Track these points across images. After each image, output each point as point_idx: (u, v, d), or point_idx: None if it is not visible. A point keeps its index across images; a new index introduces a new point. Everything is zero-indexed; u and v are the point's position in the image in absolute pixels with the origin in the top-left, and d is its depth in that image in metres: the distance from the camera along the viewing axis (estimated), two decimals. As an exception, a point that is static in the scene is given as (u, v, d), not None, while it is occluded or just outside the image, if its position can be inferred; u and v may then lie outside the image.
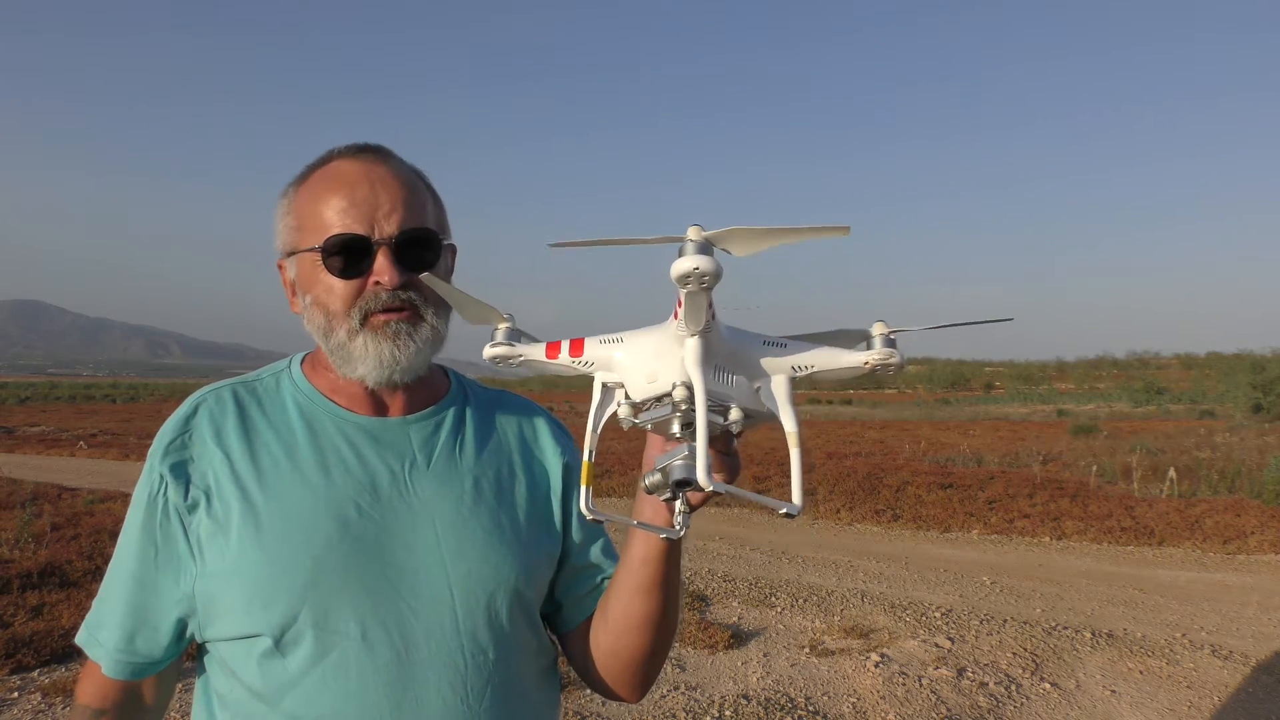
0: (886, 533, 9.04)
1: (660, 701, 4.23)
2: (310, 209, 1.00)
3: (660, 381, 0.77)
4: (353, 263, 0.97)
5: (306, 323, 1.03)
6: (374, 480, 1.00)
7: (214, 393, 1.04)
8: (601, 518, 0.83)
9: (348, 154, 1.03)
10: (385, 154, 1.04)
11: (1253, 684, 4.59)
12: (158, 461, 0.98)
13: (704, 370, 0.74)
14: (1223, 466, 11.98)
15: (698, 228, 0.66)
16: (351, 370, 1.00)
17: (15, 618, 5.19)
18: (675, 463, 0.78)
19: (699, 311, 0.71)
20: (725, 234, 0.66)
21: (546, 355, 0.83)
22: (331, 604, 0.94)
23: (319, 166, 1.03)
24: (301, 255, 1.01)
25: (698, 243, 0.66)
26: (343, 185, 0.99)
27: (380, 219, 0.98)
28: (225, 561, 0.95)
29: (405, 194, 1.01)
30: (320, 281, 0.99)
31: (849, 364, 0.78)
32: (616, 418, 0.81)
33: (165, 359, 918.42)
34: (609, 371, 0.82)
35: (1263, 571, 7.21)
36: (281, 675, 0.94)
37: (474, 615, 0.99)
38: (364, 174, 1.00)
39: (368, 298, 0.98)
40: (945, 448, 16.33)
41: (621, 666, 1.05)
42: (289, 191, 1.04)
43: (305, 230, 1.01)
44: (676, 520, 0.82)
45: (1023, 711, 4.21)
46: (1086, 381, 58.24)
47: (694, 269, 0.65)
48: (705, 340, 0.74)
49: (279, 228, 1.05)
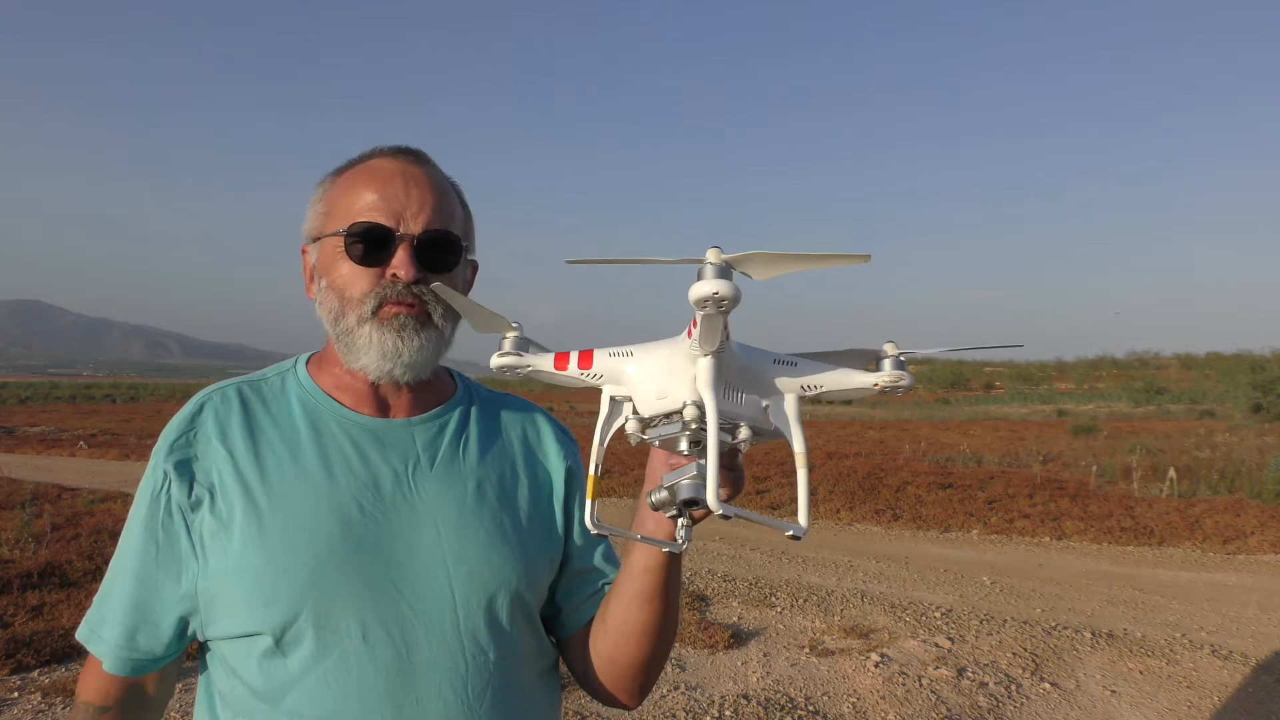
0: (886, 533, 9.04)
1: (660, 701, 4.23)
2: (342, 198, 1.03)
3: (670, 398, 0.77)
4: (373, 251, 0.99)
5: (319, 307, 1.04)
6: (377, 480, 1.00)
7: (220, 391, 1.04)
8: (606, 532, 0.84)
9: (388, 153, 1.05)
10: (424, 158, 1.06)
11: (1253, 684, 4.59)
12: (162, 459, 0.99)
13: (716, 390, 0.73)
14: (1223, 466, 11.97)
15: (717, 250, 0.65)
16: (354, 359, 1.01)
17: (15, 618, 5.19)
18: (683, 482, 0.78)
19: (715, 333, 0.71)
20: (745, 258, 0.65)
21: (555, 366, 0.83)
22: (333, 603, 0.94)
23: (359, 161, 1.05)
24: (325, 239, 1.03)
25: (717, 266, 0.65)
26: (377, 179, 1.02)
27: (408, 216, 1.00)
28: (227, 560, 0.95)
29: (436, 198, 1.02)
30: (338, 266, 1.01)
31: (858, 384, 0.78)
32: (623, 432, 0.81)
33: (165, 359, 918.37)
34: (618, 385, 0.81)
35: (1263, 571, 7.21)
36: (282, 674, 0.95)
37: (475, 616, 0.99)
38: (399, 171, 1.02)
39: (383, 287, 0.99)
40: (945, 448, 16.31)
41: (620, 673, 1.06)
42: (325, 181, 1.07)
43: (333, 216, 1.03)
44: (679, 534, 0.81)
45: (1023, 711, 4.21)
46: (1086, 381, 58.25)
47: (713, 294, 0.64)
48: (719, 360, 0.74)
49: (309, 214, 1.07)
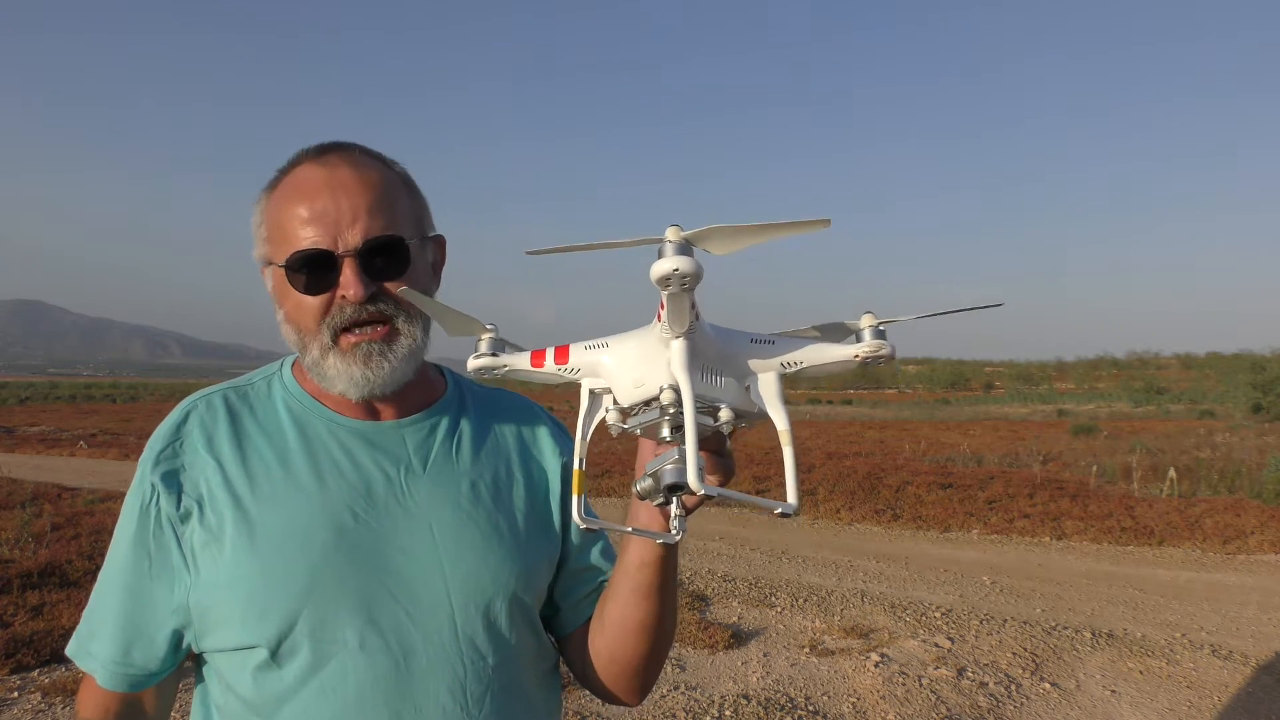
0: (886, 533, 9.03)
1: (660, 701, 4.22)
2: (276, 219, 0.97)
3: (647, 386, 0.76)
4: (318, 277, 0.94)
5: (284, 337, 1.00)
6: (369, 485, 0.98)
7: (205, 399, 1.02)
8: (597, 526, 0.83)
9: (311, 156, 0.98)
10: (350, 153, 0.99)
11: (1253, 684, 4.59)
12: (149, 471, 0.96)
13: (691, 372, 0.73)
14: (1223, 466, 11.97)
15: (676, 228, 0.65)
16: (330, 387, 0.98)
17: (15, 618, 5.18)
18: (666, 467, 0.77)
19: (682, 313, 0.70)
20: (704, 233, 0.65)
21: (531, 364, 0.82)
22: (328, 613, 0.92)
23: (287, 172, 0.99)
24: (274, 268, 0.98)
25: (676, 243, 0.65)
26: (304, 195, 0.95)
27: (343, 229, 0.93)
28: (219, 572, 0.93)
29: (370, 199, 0.95)
30: (289, 297, 0.97)
31: (839, 358, 0.76)
32: (605, 424, 0.80)
33: (165, 359, 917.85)
34: (596, 378, 0.81)
35: (1263, 571, 7.20)
36: (278, 686, 0.93)
37: (472, 620, 0.97)
38: (325, 181, 0.95)
39: (334, 313, 0.95)
40: (945, 448, 16.31)
41: (620, 670, 1.04)
42: (261, 199, 1.01)
43: (274, 242, 0.98)
44: (673, 525, 0.80)
45: (1023, 711, 4.20)
46: (1086, 381, 58.19)
47: (674, 270, 0.64)
48: (691, 341, 0.73)
49: (255, 237, 1.02)
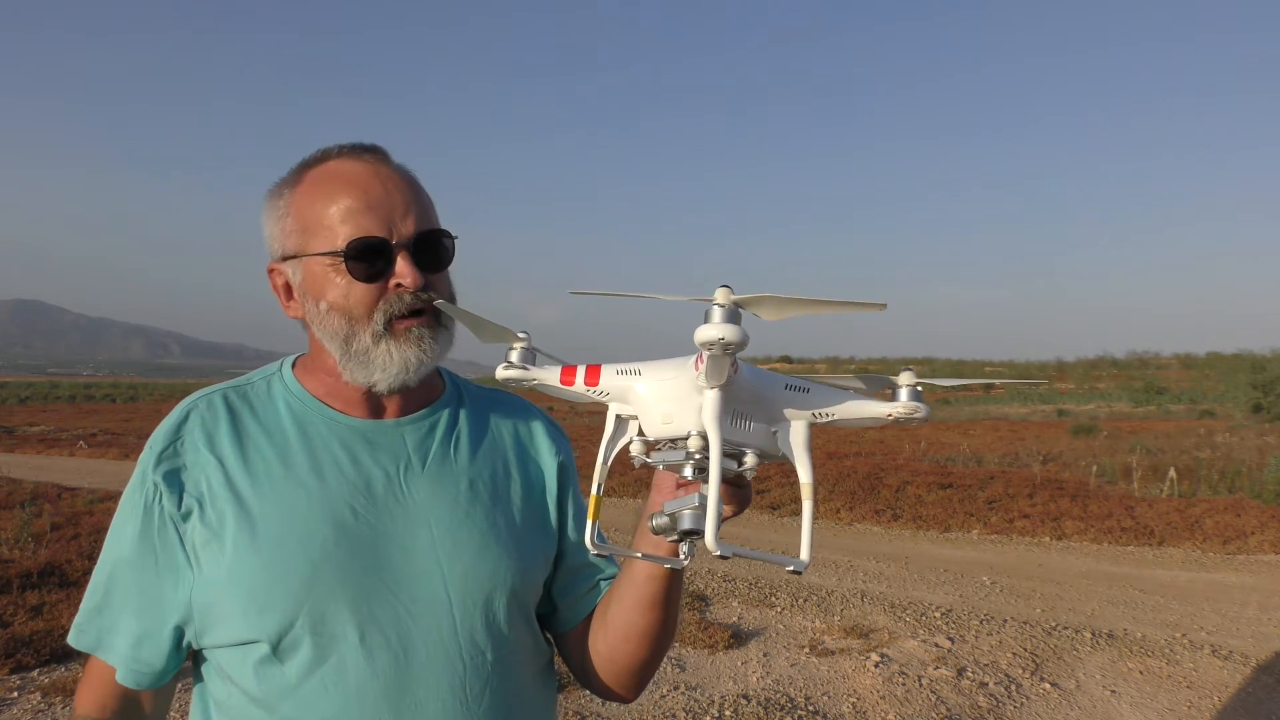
0: (886, 533, 9.04)
1: (660, 701, 4.23)
2: (315, 211, 0.97)
3: (676, 425, 0.75)
4: (374, 266, 0.95)
5: (318, 329, 0.99)
6: (369, 483, 0.99)
7: (205, 398, 1.02)
8: (607, 552, 0.83)
9: (348, 153, 1.00)
10: (385, 154, 1.01)
11: (1253, 684, 4.59)
12: (150, 470, 0.97)
13: (721, 422, 0.72)
14: (1223, 466, 11.97)
15: (726, 290, 0.63)
16: (366, 376, 0.98)
17: (15, 618, 5.19)
18: (685, 511, 0.77)
19: (721, 372, 0.70)
20: (755, 299, 0.63)
21: (561, 381, 0.82)
22: (329, 609, 0.93)
23: (314, 166, 1.00)
24: (311, 259, 0.98)
25: (725, 308, 0.63)
26: (352, 186, 0.97)
27: (397, 220, 0.96)
28: (221, 569, 0.94)
29: (413, 194, 0.99)
30: (337, 285, 0.96)
31: (872, 414, 0.75)
32: (628, 451, 0.79)
33: (165, 359, 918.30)
34: (624, 404, 0.80)
35: (1263, 571, 7.20)
36: (279, 681, 0.94)
37: (471, 616, 0.99)
38: (373, 174, 0.98)
39: (390, 301, 0.96)
40: (945, 448, 16.30)
41: (619, 670, 1.06)
42: (283, 193, 1.01)
43: (312, 233, 0.97)
44: (681, 550, 0.80)
45: (1022, 711, 4.21)
46: (1086, 381, 58.23)
47: (719, 339, 0.63)
48: (724, 394, 0.72)
49: (273, 230, 1.02)
